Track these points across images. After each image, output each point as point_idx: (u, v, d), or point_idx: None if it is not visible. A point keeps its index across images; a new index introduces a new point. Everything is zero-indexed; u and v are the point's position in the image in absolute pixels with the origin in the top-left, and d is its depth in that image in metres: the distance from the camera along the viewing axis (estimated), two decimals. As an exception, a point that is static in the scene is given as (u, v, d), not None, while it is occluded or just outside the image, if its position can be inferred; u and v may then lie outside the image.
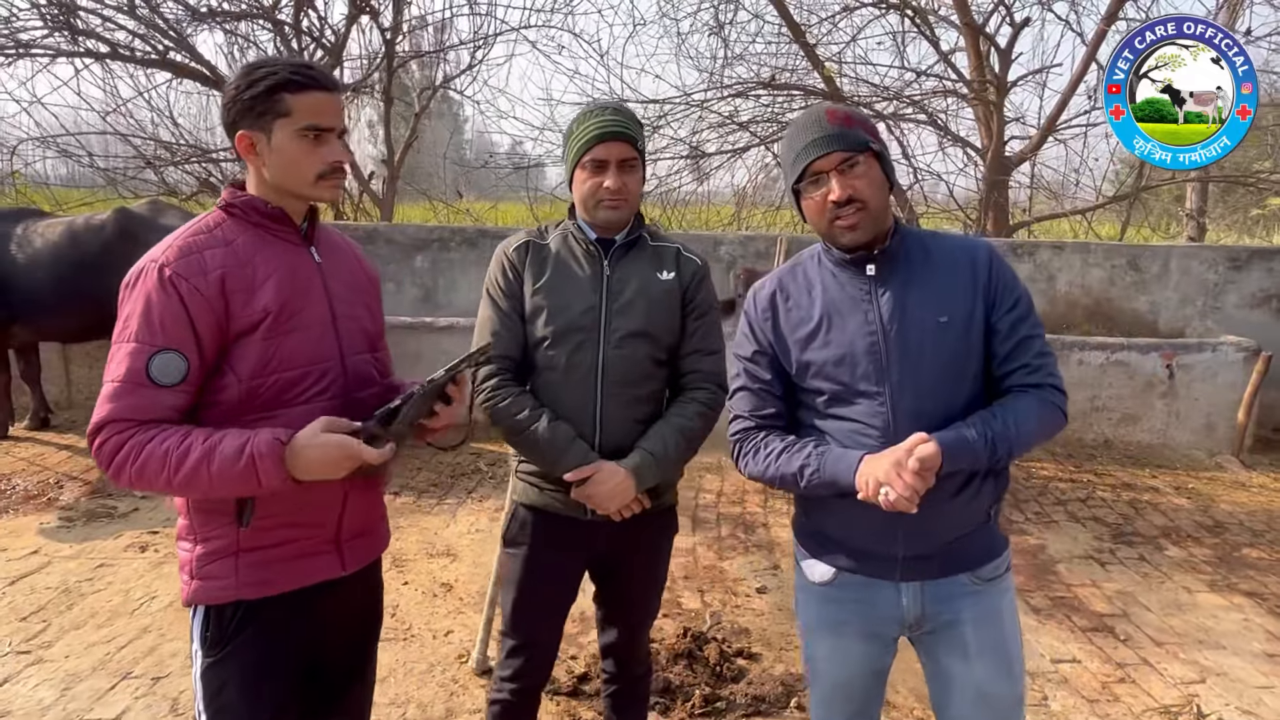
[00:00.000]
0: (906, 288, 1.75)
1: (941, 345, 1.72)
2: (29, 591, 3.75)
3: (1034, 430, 1.71)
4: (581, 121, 2.03)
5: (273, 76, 1.61)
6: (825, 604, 1.89)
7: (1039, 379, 1.73)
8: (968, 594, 1.79)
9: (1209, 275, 7.53)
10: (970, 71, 8.82)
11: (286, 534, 1.68)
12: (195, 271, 1.58)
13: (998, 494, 1.81)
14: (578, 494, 2.01)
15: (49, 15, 8.37)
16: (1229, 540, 4.68)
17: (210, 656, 1.67)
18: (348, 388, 1.73)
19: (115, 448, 1.53)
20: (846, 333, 1.77)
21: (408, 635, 3.47)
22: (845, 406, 1.77)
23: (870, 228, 1.73)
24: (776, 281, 1.91)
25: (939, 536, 1.76)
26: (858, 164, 1.70)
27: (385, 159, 10.24)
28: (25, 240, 5.55)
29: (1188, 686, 3.23)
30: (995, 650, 1.79)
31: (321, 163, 1.66)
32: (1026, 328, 1.75)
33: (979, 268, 1.76)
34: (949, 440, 1.63)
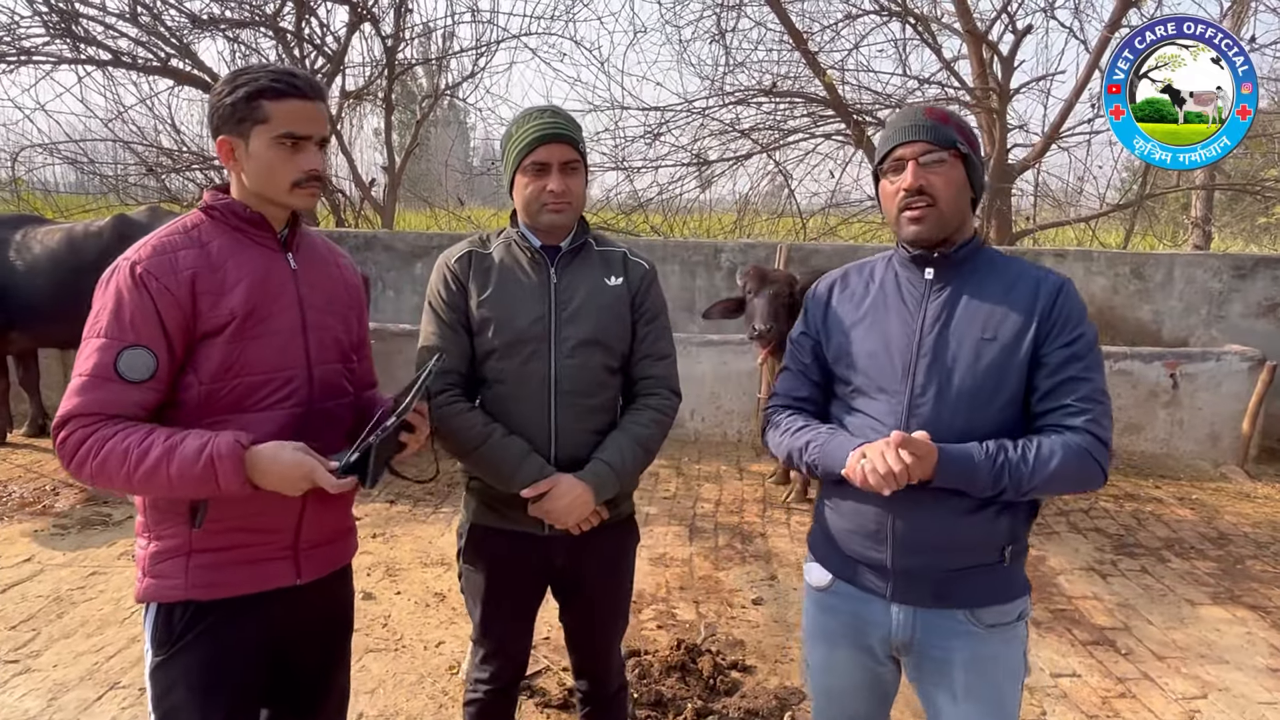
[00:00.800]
0: (959, 298, 1.72)
1: (978, 362, 1.67)
2: (19, 600, 3.73)
3: (1053, 474, 1.60)
4: (520, 125, 1.98)
5: (253, 83, 1.61)
6: (821, 611, 1.89)
7: (1078, 423, 1.63)
8: (962, 634, 1.72)
9: (1213, 284, 7.48)
10: (973, 79, 8.80)
11: (239, 538, 1.67)
12: (166, 270, 1.58)
13: (1014, 534, 1.71)
14: (535, 509, 1.97)
15: (51, 22, 8.40)
16: (1233, 553, 4.62)
17: (159, 655, 1.67)
18: (312, 397, 1.72)
19: (78, 442, 1.53)
20: (887, 329, 1.76)
21: (399, 646, 3.43)
22: (867, 401, 1.76)
23: (936, 226, 1.70)
24: (843, 272, 1.93)
25: (934, 558, 1.70)
26: (941, 160, 1.68)
27: (386, 166, 10.25)
28: (24, 247, 5.55)
29: (1189, 702, 3.17)
30: (985, 700, 1.73)
31: (297, 171, 1.65)
32: (1078, 368, 1.65)
33: (1042, 295, 1.69)
34: (952, 449, 1.60)
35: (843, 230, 10.72)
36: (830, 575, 1.85)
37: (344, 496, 1.83)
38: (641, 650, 3.38)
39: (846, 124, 9.28)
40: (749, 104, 9.77)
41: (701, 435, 6.44)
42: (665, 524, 4.78)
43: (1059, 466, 1.60)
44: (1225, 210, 13.37)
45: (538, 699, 3.04)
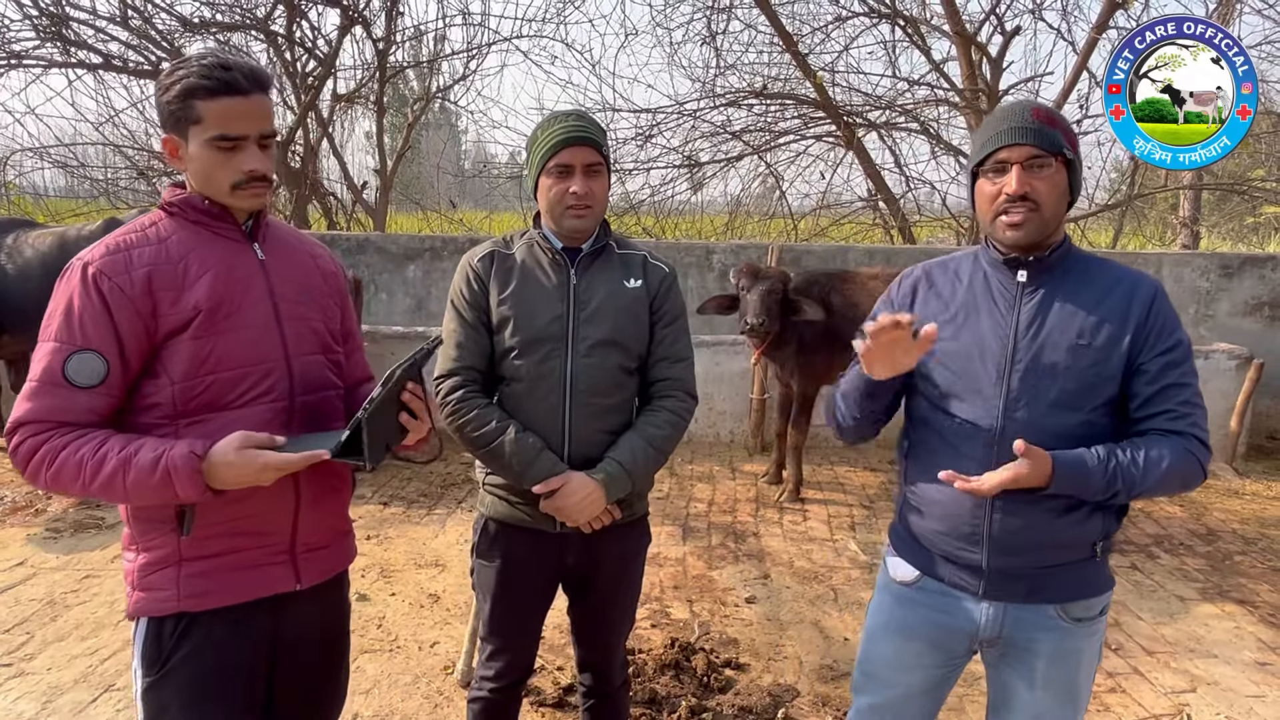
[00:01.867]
0: (1053, 301, 1.72)
1: (1073, 366, 1.67)
2: (13, 603, 3.72)
3: (1162, 477, 1.63)
4: (545, 128, 2.00)
5: (184, 81, 1.52)
6: (902, 604, 1.89)
7: (1181, 427, 1.66)
8: (1051, 627, 1.75)
9: (1201, 283, 7.54)
10: (962, 80, 8.84)
11: (233, 543, 1.61)
12: (119, 270, 1.52)
13: (1106, 531, 1.74)
14: (546, 506, 1.99)
15: (41, 26, 8.38)
16: (1221, 549, 4.66)
17: (151, 675, 1.60)
18: (293, 390, 1.66)
19: (30, 450, 1.48)
20: (979, 330, 1.75)
21: (394, 646, 3.44)
22: (957, 403, 1.75)
23: (1036, 232, 1.69)
24: (925, 270, 1.91)
25: (1030, 557, 1.72)
26: (1047, 165, 1.66)
27: (378, 169, 10.25)
28: (15, 251, 5.53)
29: (1179, 695, 3.21)
30: (1063, 688, 1.77)
31: (236, 172, 1.57)
32: (1177, 374, 1.67)
33: (1137, 302, 1.69)
34: (1066, 456, 1.61)
35: (834, 231, 10.76)
36: (917, 571, 1.86)
37: (340, 497, 1.81)
38: (636, 649, 3.39)
39: (837, 125, 9.32)
40: (740, 106, 9.80)
41: (694, 436, 6.46)
42: (659, 524, 4.80)
43: (1168, 469, 1.62)
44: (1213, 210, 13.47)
45: (533, 698, 3.06)
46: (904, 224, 9.75)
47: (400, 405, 1.67)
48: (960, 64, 8.86)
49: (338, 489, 1.79)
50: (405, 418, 1.68)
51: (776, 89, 9.70)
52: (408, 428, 1.70)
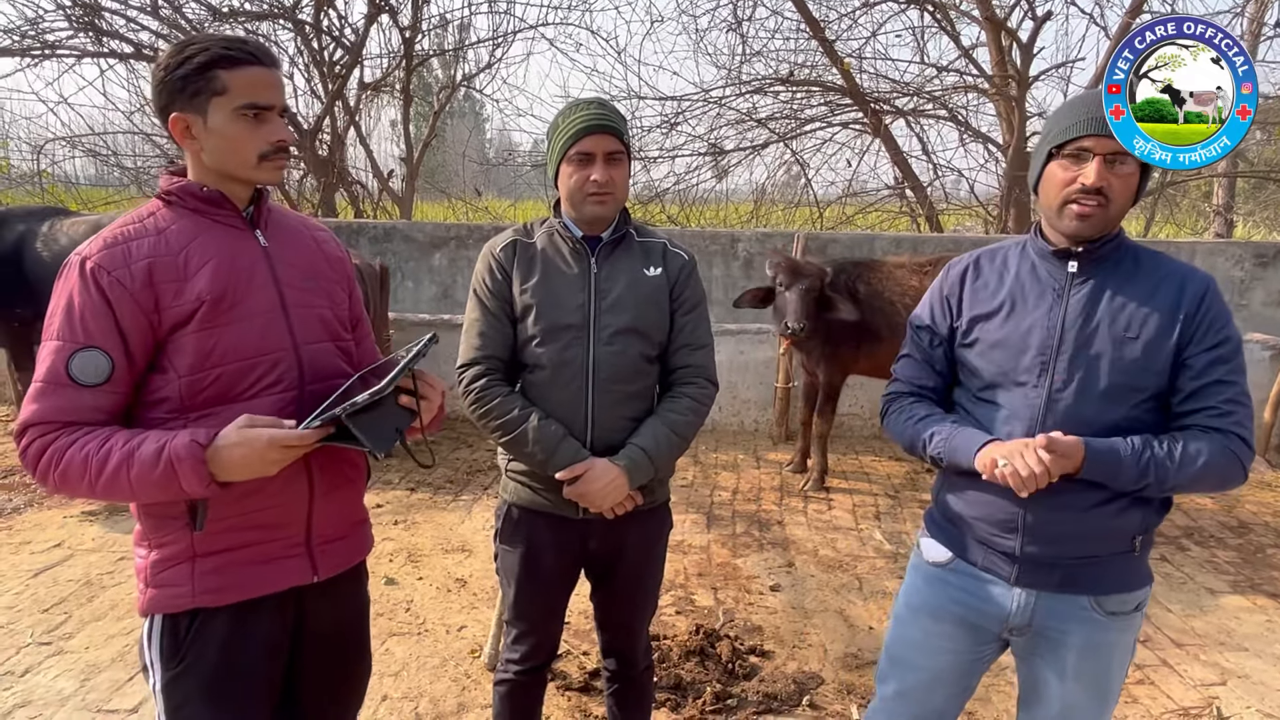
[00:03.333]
0: (1102, 293, 1.70)
1: (1119, 359, 1.66)
2: (51, 584, 3.81)
3: (1198, 473, 1.61)
4: (566, 116, 2.01)
5: (205, 53, 1.49)
6: (932, 584, 1.89)
7: (1223, 425, 1.63)
8: (1083, 619, 1.73)
9: (1235, 272, 7.42)
10: (991, 66, 8.74)
11: (247, 536, 1.58)
12: (118, 263, 1.48)
13: (1146, 525, 1.72)
14: (570, 492, 2.00)
15: (75, 16, 8.49)
16: (1253, 541, 4.60)
17: (170, 670, 1.58)
18: (303, 379, 1.62)
19: (38, 452, 1.45)
20: (1026, 320, 1.73)
21: (422, 630, 3.49)
22: (1001, 392, 1.75)
23: (1101, 226, 1.67)
24: (973, 259, 1.89)
25: (1065, 547, 1.71)
26: (1126, 163, 1.66)
27: (404, 157, 10.30)
28: (50, 239, 5.63)
29: (1209, 688, 3.18)
30: (1094, 681, 1.76)
31: (264, 142, 1.54)
32: (1224, 371, 1.65)
33: (1188, 297, 1.67)
34: (1099, 444, 1.61)
35: (860, 219, 10.69)
36: (950, 553, 1.86)
37: (355, 486, 1.78)
38: (660, 635, 3.41)
39: (864, 112, 9.24)
40: (765, 93, 9.75)
41: (719, 424, 6.47)
42: (683, 512, 4.81)
43: (1204, 465, 1.61)
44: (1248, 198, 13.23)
45: (559, 682, 3.09)
46: (931, 212, 9.67)
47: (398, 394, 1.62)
48: (990, 50, 8.76)
49: (352, 479, 1.77)
50: (407, 400, 1.63)
51: (803, 76, 9.64)
52: (415, 412, 1.64)
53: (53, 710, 2.89)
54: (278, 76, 1.57)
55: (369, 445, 1.51)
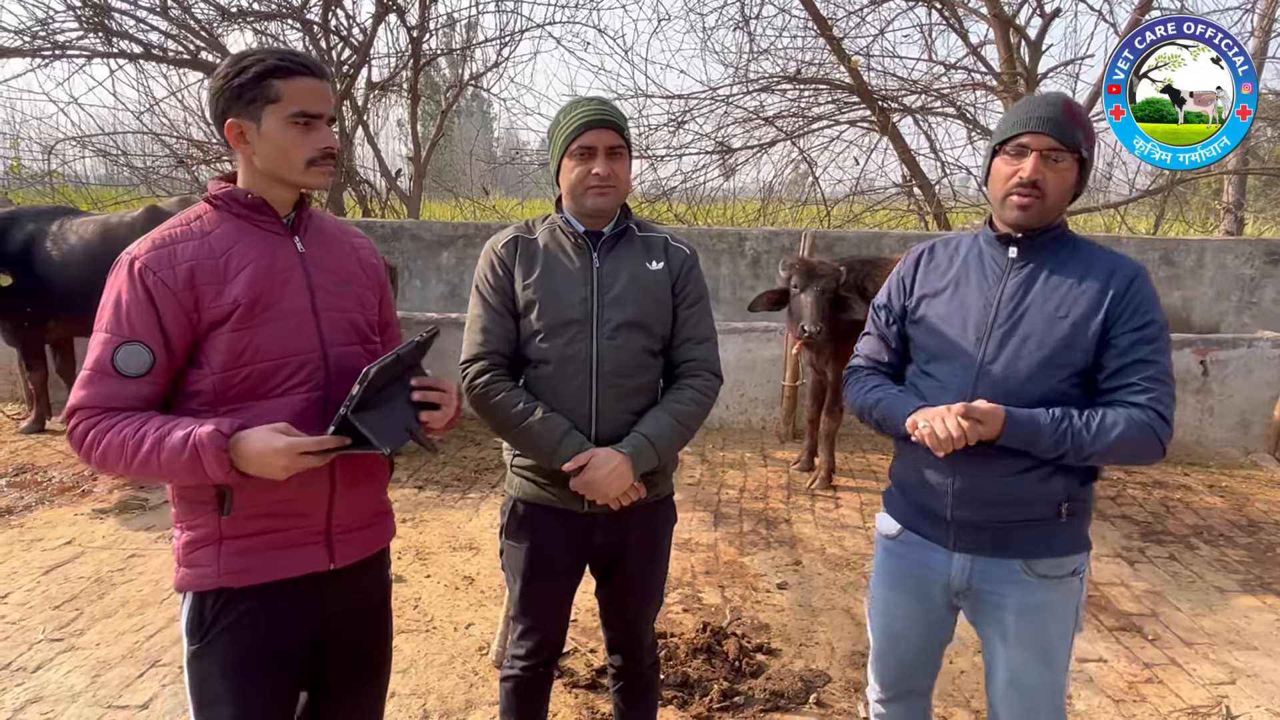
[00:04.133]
0: (1038, 276, 1.84)
1: (1047, 337, 1.79)
2: (62, 580, 3.83)
3: (1113, 444, 1.73)
4: (568, 112, 2.03)
5: (261, 64, 1.61)
6: (889, 557, 2.06)
7: (1143, 400, 1.75)
8: (1017, 581, 1.85)
9: (1245, 269, 7.39)
10: (1000, 64, 8.71)
11: (269, 523, 1.67)
12: (164, 264, 1.59)
13: (1069, 493, 1.83)
14: (575, 484, 2.01)
15: (85, 17, 8.53)
16: (1263, 540, 4.58)
17: (194, 644, 1.68)
18: (329, 380, 1.71)
19: (83, 433, 1.58)
20: (967, 299, 1.89)
21: (429, 627, 3.50)
22: (941, 365, 1.89)
23: (1038, 217, 1.81)
24: (929, 245, 2.07)
25: (991, 512, 1.84)
26: (1062, 159, 1.78)
27: (411, 156, 10.32)
28: (61, 238, 5.67)
29: (1217, 688, 3.17)
30: (1034, 643, 1.86)
31: (312, 149, 1.65)
32: (1146, 351, 1.77)
33: (1116, 281, 1.80)
34: (1019, 413, 1.74)
35: (867, 217, 10.67)
36: (899, 525, 2.01)
37: (376, 480, 1.85)
38: (667, 632, 3.42)
39: (871, 110, 9.22)
40: (773, 91, 9.74)
41: (725, 422, 6.47)
42: (690, 510, 4.82)
43: (1119, 436, 1.73)
44: (1259, 196, 13.15)
45: (566, 679, 3.09)
46: (939, 210, 9.64)
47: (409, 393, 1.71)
48: (998, 47, 8.73)
49: (373, 473, 1.84)
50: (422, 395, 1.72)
51: (810, 74, 9.62)
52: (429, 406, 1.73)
53: (64, 706, 2.92)
54: (327, 88, 1.69)
55: (375, 442, 1.56)
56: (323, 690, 1.84)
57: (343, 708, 1.87)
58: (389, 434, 1.60)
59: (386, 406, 1.64)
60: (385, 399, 1.65)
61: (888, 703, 2.15)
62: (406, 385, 1.73)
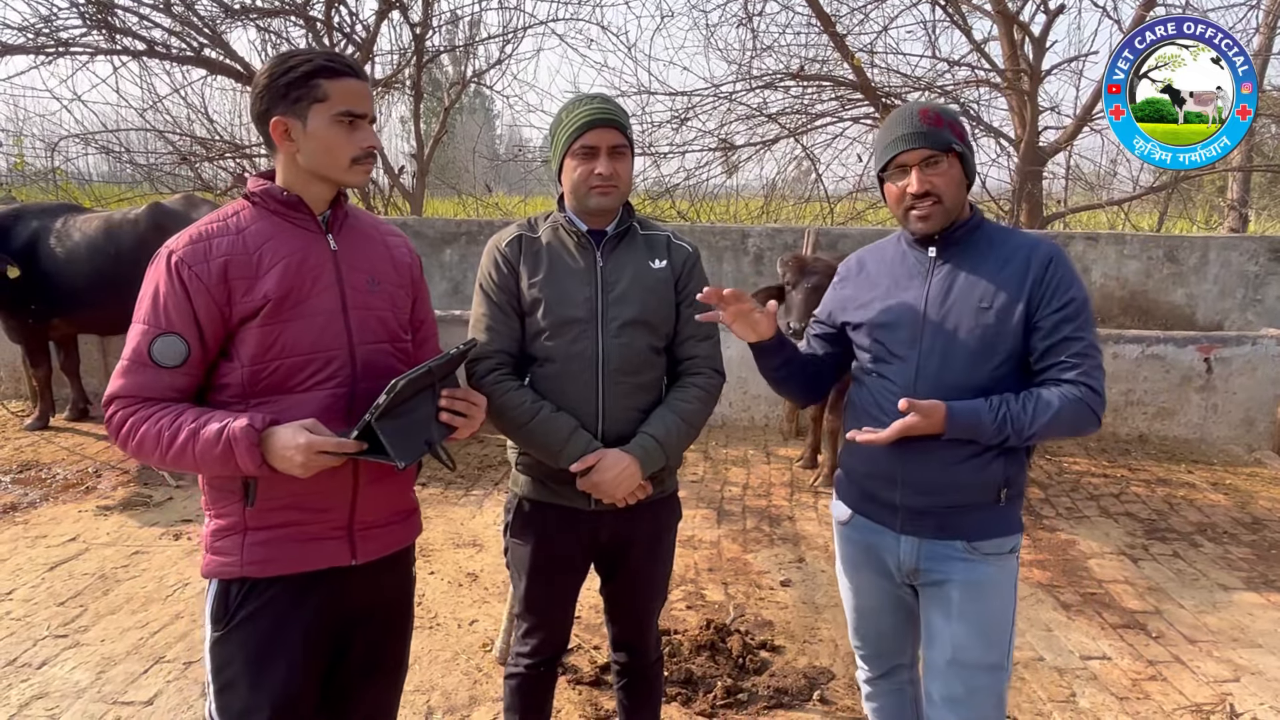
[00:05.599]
0: (959, 271, 1.92)
1: (975, 327, 1.86)
2: (67, 577, 3.84)
3: (1050, 421, 1.81)
4: (570, 110, 2.03)
5: (309, 64, 1.65)
6: (845, 543, 2.15)
7: (1072, 376, 1.82)
8: (960, 560, 1.93)
9: (1249, 267, 7.37)
10: (1004, 61, 8.69)
11: (292, 516, 1.70)
12: (199, 259, 1.63)
13: (1007, 477, 1.92)
14: (583, 483, 2.01)
15: (87, 14, 8.53)
16: (1267, 537, 4.58)
17: (217, 630, 1.70)
18: (355, 377, 1.73)
19: (120, 422, 1.62)
20: (900, 302, 1.97)
21: (433, 624, 3.50)
22: (883, 365, 1.97)
23: (941, 220, 1.90)
24: (858, 257, 2.17)
25: (938, 498, 1.92)
26: (940, 162, 1.86)
27: (415, 153, 10.32)
28: (64, 234, 5.67)
29: (1221, 685, 3.16)
30: (976, 618, 1.92)
31: (356, 148, 1.69)
32: (1070, 329, 1.83)
33: (1034, 265, 1.86)
34: (959, 406, 1.82)
35: (870, 214, 10.66)
36: (850, 510, 2.10)
37: (404, 476, 1.86)
38: (671, 630, 3.42)
39: (875, 107, 9.20)
40: (776, 88, 9.72)
41: (729, 420, 6.47)
42: (693, 507, 4.82)
43: (1055, 413, 1.81)
44: (1264, 193, 13.12)
45: (570, 676, 3.10)
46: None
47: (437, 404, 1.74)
48: (1002, 44, 8.71)
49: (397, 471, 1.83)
50: (448, 417, 1.75)
51: (814, 70, 9.61)
52: (453, 425, 1.76)
53: (69, 702, 2.92)
54: (369, 90, 1.74)
55: (391, 454, 1.58)
56: (338, 684, 1.85)
57: (358, 702, 1.88)
58: (408, 447, 1.62)
59: (411, 417, 1.66)
60: (411, 409, 1.67)
61: (876, 680, 2.22)
62: (435, 396, 1.74)
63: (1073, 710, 3.00)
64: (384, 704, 1.96)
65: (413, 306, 1.92)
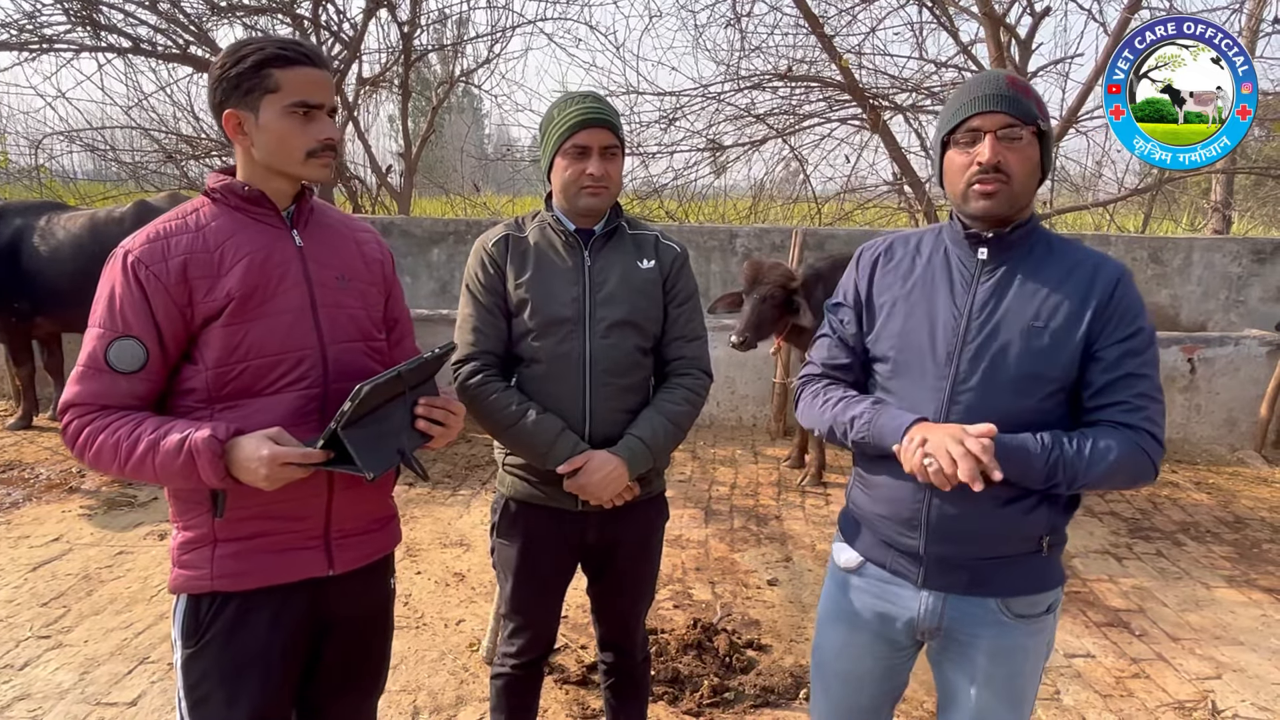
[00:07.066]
0: (1012, 280, 1.64)
1: (1025, 350, 1.60)
2: (50, 578, 3.81)
3: (1108, 471, 1.55)
4: (561, 109, 2.01)
5: (260, 53, 1.56)
6: (845, 591, 1.84)
7: (1134, 420, 1.58)
8: (992, 622, 1.68)
9: (1232, 268, 7.44)
10: (990, 62, 8.71)
11: (265, 526, 1.62)
12: (156, 258, 1.55)
13: (1053, 524, 1.66)
14: (570, 485, 2.01)
15: (72, 10, 8.46)
16: (1249, 536, 4.62)
17: (188, 648, 1.63)
18: (328, 377, 1.65)
19: (76, 431, 1.55)
20: (933, 307, 1.68)
21: (420, 624, 3.50)
22: (905, 381, 1.69)
23: (1007, 203, 1.61)
24: (888, 242, 1.83)
25: (969, 547, 1.65)
26: (1020, 135, 1.59)
27: (402, 153, 10.29)
28: (48, 233, 5.63)
29: (1203, 682, 3.19)
30: (1005, 685, 1.71)
31: (312, 140, 1.60)
32: (1135, 364, 1.59)
33: (1099, 286, 1.61)
34: (1009, 441, 1.54)
35: (858, 215, 10.69)
36: (860, 557, 1.80)
37: (379, 483, 1.77)
38: (658, 629, 3.42)
39: (862, 108, 9.23)
40: (764, 89, 9.73)
41: (717, 419, 6.47)
42: (681, 506, 4.82)
43: (1114, 463, 1.55)
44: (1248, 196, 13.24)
45: (556, 675, 3.10)
46: (929, 208, 9.66)
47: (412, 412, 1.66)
48: (988, 46, 8.73)
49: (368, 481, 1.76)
50: (425, 425, 1.67)
51: (802, 71, 9.62)
52: (429, 433, 1.68)
53: (52, 703, 2.90)
54: (328, 78, 1.64)
55: (359, 464, 1.49)
56: (314, 696, 1.79)
57: (334, 715, 1.83)
58: (377, 457, 1.53)
59: (382, 425, 1.57)
60: (383, 416, 1.57)
61: None
62: (408, 403, 1.65)
63: (1057, 707, 3.02)
64: (361, 716, 1.91)
65: (386, 304, 1.83)
